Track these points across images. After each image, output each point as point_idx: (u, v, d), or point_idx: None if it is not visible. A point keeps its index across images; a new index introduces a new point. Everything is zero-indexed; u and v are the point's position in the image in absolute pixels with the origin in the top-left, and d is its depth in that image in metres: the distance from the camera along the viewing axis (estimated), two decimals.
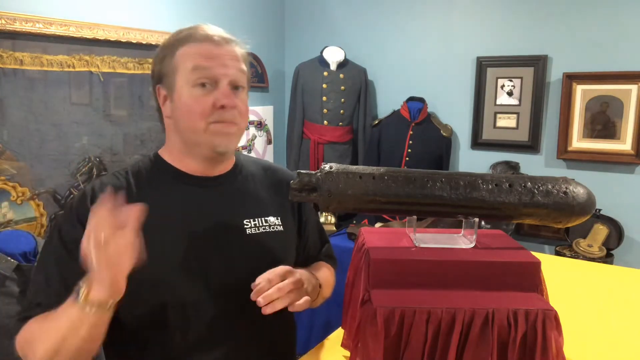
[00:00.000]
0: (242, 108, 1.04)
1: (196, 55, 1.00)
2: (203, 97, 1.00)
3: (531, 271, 0.96)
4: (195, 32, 1.02)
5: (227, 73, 1.00)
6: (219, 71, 1.00)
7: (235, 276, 1.04)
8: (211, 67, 0.99)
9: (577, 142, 2.73)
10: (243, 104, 1.04)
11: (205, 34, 1.02)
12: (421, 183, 0.99)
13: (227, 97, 1.00)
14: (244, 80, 1.05)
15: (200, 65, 0.99)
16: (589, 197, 1.03)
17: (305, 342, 2.56)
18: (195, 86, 1.00)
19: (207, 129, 1.01)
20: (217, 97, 0.99)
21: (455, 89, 3.03)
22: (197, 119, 1.00)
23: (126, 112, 2.33)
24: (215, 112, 1.00)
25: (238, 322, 1.05)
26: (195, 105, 1.00)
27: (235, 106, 1.01)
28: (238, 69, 1.03)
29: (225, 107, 1.00)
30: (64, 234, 1.00)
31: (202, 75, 0.99)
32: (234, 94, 1.02)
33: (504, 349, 0.87)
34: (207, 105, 0.99)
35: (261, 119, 3.25)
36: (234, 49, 1.03)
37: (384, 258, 0.96)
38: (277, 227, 1.13)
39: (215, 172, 1.10)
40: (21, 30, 1.88)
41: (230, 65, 1.01)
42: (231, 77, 1.01)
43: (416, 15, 3.08)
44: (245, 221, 1.09)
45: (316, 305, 1.17)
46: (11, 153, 1.91)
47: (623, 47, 2.59)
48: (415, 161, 2.90)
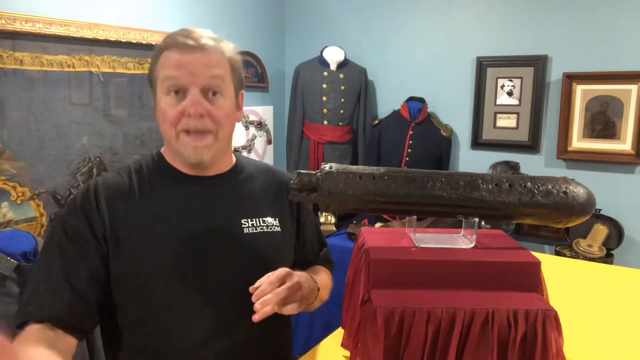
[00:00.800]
0: (216, 114, 1.01)
1: (167, 64, 1.01)
2: (174, 105, 1.00)
3: (531, 271, 0.96)
4: (173, 38, 1.02)
5: (195, 81, 0.99)
6: (186, 80, 0.99)
7: (231, 275, 1.05)
8: (178, 77, 0.99)
9: (577, 142, 2.73)
10: (219, 109, 1.02)
11: (178, 41, 1.01)
12: (421, 183, 0.99)
13: (194, 105, 0.99)
14: (220, 85, 1.02)
15: (169, 75, 1.00)
16: (589, 197, 1.03)
17: (305, 342, 2.57)
18: (168, 94, 1.01)
19: (178, 137, 1.02)
20: (185, 105, 0.99)
21: (455, 89, 3.03)
22: (169, 127, 1.01)
23: (126, 112, 2.33)
24: (183, 120, 1.00)
25: (234, 321, 1.05)
26: (167, 113, 1.01)
27: (201, 114, 0.99)
28: (209, 75, 1.00)
29: (191, 116, 0.99)
30: (66, 226, 1.01)
31: (172, 84, 1.00)
32: (210, 100, 1.01)
33: (504, 349, 0.87)
34: (176, 113, 1.00)
35: (261, 119, 3.25)
36: (207, 54, 1.01)
37: (384, 258, 0.96)
38: (275, 228, 1.13)
39: (211, 173, 1.11)
40: (21, 30, 1.88)
41: (199, 73, 0.99)
42: (201, 85, 1.00)
43: (416, 15, 3.08)
44: (243, 221, 1.10)
45: (313, 308, 1.17)
46: (11, 153, 1.91)
47: (623, 47, 2.59)
48: (415, 161, 2.90)
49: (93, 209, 1.01)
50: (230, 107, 1.06)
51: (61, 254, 0.99)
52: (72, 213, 1.02)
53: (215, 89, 1.02)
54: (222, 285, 1.04)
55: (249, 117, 3.14)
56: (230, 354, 1.04)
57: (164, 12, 2.50)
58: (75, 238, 0.99)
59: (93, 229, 1.00)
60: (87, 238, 0.99)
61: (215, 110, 1.01)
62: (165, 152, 1.11)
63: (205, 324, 1.02)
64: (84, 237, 0.99)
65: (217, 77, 1.02)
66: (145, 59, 2.33)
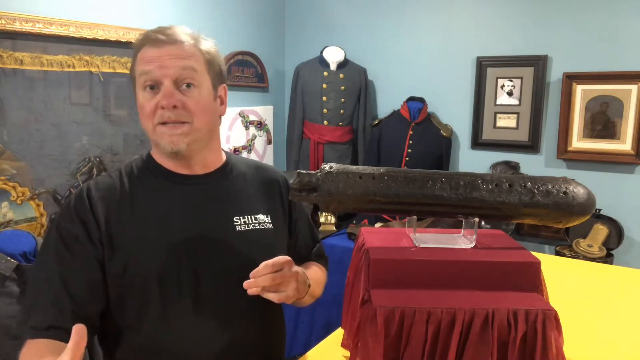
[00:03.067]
0: (190, 105, 1.02)
1: (142, 59, 1.03)
2: (149, 100, 1.02)
3: (531, 271, 0.96)
4: (146, 36, 1.04)
5: (167, 73, 1.01)
6: (158, 72, 1.01)
7: (224, 272, 1.05)
8: (151, 70, 1.01)
9: (577, 142, 2.73)
10: (193, 100, 1.03)
11: (151, 37, 1.03)
12: (421, 183, 0.99)
13: (167, 97, 1.00)
14: (192, 76, 1.03)
15: (143, 69, 1.02)
16: (589, 197, 1.03)
17: (305, 342, 2.57)
18: (144, 89, 1.03)
19: (155, 130, 1.03)
20: (158, 98, 1.01)
21: (455, 89, 3.03)
22: (146, 121, 1.03)
23: (126, 112, 2.33)
24: (158, 113, 1.01)
25: (227, 319, 1.05)
26: (144, 108, 1.03)
27: (174, 105, 1.00)
28: (180, 66, 1.01)
29: (164, 108, 1.01)
30: (62, 231, 1.01)
31: (147, 78, 1.02)
32: (183, 92, 1.02)
33: (504, 349, 0.87)
34: (151, 107, 1.02)
35: (261, 119, 3.25)
36: (178, 48, 1.02)
37: (384, 258, 0.96)
38: (267, 225, 1.14)
39: (200, 170, 1.11)
40: (21, 30, 1.88)
41: (170, 65, 1.01)
42: (172, 77, 1.01)
43: (416, 15, 3.08)
44: (235, 218, 1.10)
45: (304, 303, 1.16)
46: (11, 153, 1.91)
47: (623, 47, 2.59)
48: (415, 161, 2.90)
49: (88, 212, 1.01)
50: (207, 99, 1.06)
51: (59, 261, 0.99)
52: (67, 218, 1.02)
53: (188, 81, 1.03)
54: (216, 283, 1.04)
55: (249, 117, 3.14)
56: (224, 352, 1.04)
57: (164, 12, 2.50)
58: (72, 244, 0.99)
59: (89, 232, 1.00)
60: (84, 242, 0.99)
61: (189, 101, 1.02)
62: (155, 153, 1.12)
63: (199, 322, 1.03)
64: (81, 242, 0.99)
65: (189, 69, 1.03)
66: None
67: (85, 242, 0.99)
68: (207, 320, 1.03)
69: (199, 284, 1.03)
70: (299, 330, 2.62)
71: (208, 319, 1.03)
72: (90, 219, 1.01)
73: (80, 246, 0.99)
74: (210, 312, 1.03)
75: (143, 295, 1.01)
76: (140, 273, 1.00)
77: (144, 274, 1.00)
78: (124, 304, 1.02)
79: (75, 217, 1.01)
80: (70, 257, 0.99)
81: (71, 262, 0.98)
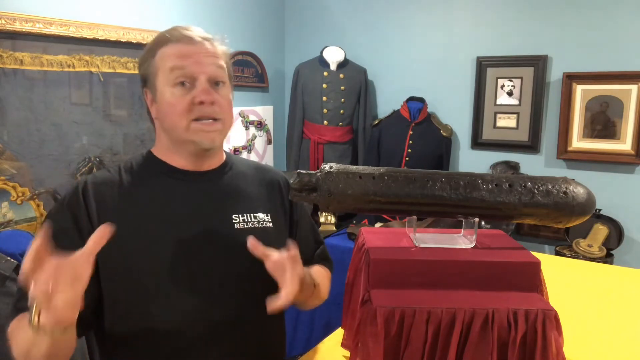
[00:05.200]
0: (223, 103, 1.05)
1: (173, 55, 1.03)
2: (183, 96, 1.02)
3: (531, 271, 0.96)
4: (172, 33, 1.05)
5: (204, 70, 1.02)
6: (195, 69, 1.02)
7: (221, 270, 1.04)
8: (187, 66, 1.02)
9: (577, 142, 2.73)
10: (224, 99, 1.06)
11: (181, 34, 1.04)
12: (421, 183, 0.99)
13: (205, 93, 1.02)
14: (223, 75, 1.06)
15: (177, 65, 1.02)
16: (589, 197, 1.03)
17: (306, 342, 2.57)
18: (174, 86, 1.02)
19: (189, 127, 1.03)
20: (195, 94, 1.02)
21: (455, 89, 3.03)
22: (179, 118, 1.02)
23: (126, 112, 2.33)
24: (194, 109, 1.02)
25: (223, 318, 1.04)
26: (176, 104, 1.02)
27: (213, 101, 1.03)
28: (215, 65, 1.04)
29: (204, 103, 1.02)
30: (54, 225, 1.00)
31: (180, 74, 1.02)
32: (214, 90, 1.04)
33: (504, 349, 0.87)
34: (186, 103, 1.02)
35: (261, 119, 3.25)
36: (210, 46, 1.05)
37: (384, 258, 0.96)
38: (267, 224, 1.13)
39: (204, 168, 1.11)
40: (21, 30, 1.88)
41: (207, 62, 1.03)
42: (209, 74, 1.03)
43: (416, 15, 3.08)
44: (234, 216, 1.10)
45: (309, 306, 1.15)
46: (11, 153, 1.91)
47: (623, 47, 2.59)
48: (415, 161, 2.90)
49: (80, 207, 1.01)
50: (230, 98, 1.10)
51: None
52: (59, 212, 1.02)
53: (220, 79, 1.05)
54: (212, 281, 1.03)
55: (249, 117, 3.14)
56: (220, 350, 1.04)
57: (164, 12, 2.50)
58: (62, 238, 0.98)
59: (79, 228, 1.00)
60: (72, 237, 0.98)
61: (221, 99, 1.05)
62: (157, 150, 1.12)
63: (195, 319, 1.02)
64: (70, 236, 0.99)
65: (221, 68, 1.06)
66: None
67: (74, 236, 0.98)
68: (202, 318, 1.02)
69: (194, 281, 1.02)
70: (299, 330, 2.62)
71: (203, 316, 1.02)
72: (82, 214, 1.00)
73: (68, 241, 0.98)
74: (205, 310, 1.02)
75: (137, 291, 0.99)
76: (134, 269, 0.99)
77: (139, 270, 0.99)
78: (116, 299, 1.00)
79: (67, 212, 1.01)
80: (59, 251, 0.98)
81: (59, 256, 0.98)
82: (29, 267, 0.74)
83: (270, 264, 0.95)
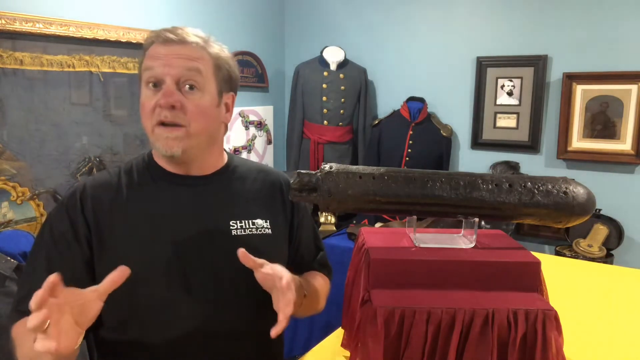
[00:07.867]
0: (189, 108, 0.99)
1: (148, 56, 1.02)
2: (150, 98, 1.00)
3: (531, 271, 0.96)
4: (158, 33, 1.03)
5: (170, 72, 0.98)
6: (161, 70, 0.99)
7: (216, 276, 1.03)
8: (155, 67, 0.99)
9: (577, 142, 2.73)
10: (192, 103, 1.00)
11: (161, 36, 1.01)
12: (421, 183, 0.99)
13: (166, 96, 0.97)
14: (196, 79, 1.00)
15: (148, 65, 1.01)
16: (589, 197, 1.03)
17: (305, 342, 2.56)
18: (147, 87, 1.01)
19: (153, 130, 1.00)
20: (159, 96, 0.99)
21: (455, 89, 3.03)
22: (145, 119, 1.01)
23: (126, 112, 2.33)
24: (156, 111, 0.99)
25: (219, 324, 1.03)
26: (144, 105, 1.01)
27: (173, 105, 0.97)
28: (185, 67, 0.99)
29: (162, 106, 0.98)
30: (53, 228, 1.01)
31: (150, 75, 1.00)
32: (185, 93, 0.99)
33: (504, 349, 0.87)
34: (152, 105, 0.99)
35: (261, 119, 3.25)
36: (186, 48, 1.00)
37: (384, 258, 0.96)
38: (265, 230, 1.11)
39: (192, 173, 1.08)
40: (21, 30, 1.88)
41: (176, 65, 0.99)
42: (175, 76, 0.98)
43: (416, 15, 3.08)
44: (232, 222, 1.08)
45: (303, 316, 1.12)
46: (11, 153, 1.91)
47: (623, 47, 2.59)
48: (415, 161, 2.90)
49: (78, 211, 1.01)
50: (209, 104, 1.03)
51: (47, 258, 0.99)
52: (58, 216, 1.02)
53: (190, 83, 1.00)
54: (207, 288, 1.02)
55: (249, 117, 3.14)
56: (217, 357, 1.03)
57: (164, 12, 2.50)
58: (59, 241, 0.99)
59: (77, 232, 0.99)
60: (70, 241, 0.99)
61: (188, 103, 0.99)
62: (155, 153, 1.11)
63: (190, 326, 1.01)
64: (68, 241, 0.99)
65: (194, 70, 1.00)
66: None
67: (72, 241, 0.99)
68: (197, 324, 1.02)
69: (190, 288, 1.01)
70: (298, 330, 2.62)
71: (199, 322, 1.02)
72: (79, 219, 1.00)
73: (66, 244, 0.99)
74: (201, 316, 1.02)
75: (132, 296, 0.98)
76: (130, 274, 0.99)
77: (134, 275, 0.98)
78: (112, 304, 0.99)
79: (65, 216, 1.01)
80: (57, 257, 0.98)
81: (57, 262, 0.98)
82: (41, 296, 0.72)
83: (260, 276, 0.93)
